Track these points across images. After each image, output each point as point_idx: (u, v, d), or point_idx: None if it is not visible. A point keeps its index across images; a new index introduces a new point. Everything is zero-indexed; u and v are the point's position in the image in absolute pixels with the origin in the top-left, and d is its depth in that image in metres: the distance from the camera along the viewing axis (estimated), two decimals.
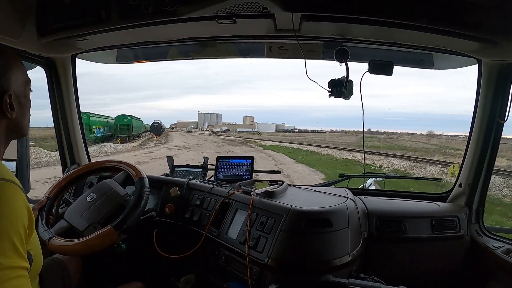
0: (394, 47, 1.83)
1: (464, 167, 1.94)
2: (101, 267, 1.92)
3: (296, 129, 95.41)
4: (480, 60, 1.74)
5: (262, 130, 74.20)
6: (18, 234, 0.84)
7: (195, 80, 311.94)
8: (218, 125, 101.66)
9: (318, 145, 28.52)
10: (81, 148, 2.30)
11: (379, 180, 3.07)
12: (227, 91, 61.26)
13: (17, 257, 0.82)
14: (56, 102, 2.19)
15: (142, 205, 1.62)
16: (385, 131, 59.70)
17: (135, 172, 1.76)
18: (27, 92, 1.10)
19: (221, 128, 77.21)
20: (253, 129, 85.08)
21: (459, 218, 1.86)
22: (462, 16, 1.33)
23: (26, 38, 1.59)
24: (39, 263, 1.04)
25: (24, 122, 1.10)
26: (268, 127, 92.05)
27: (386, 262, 1.79)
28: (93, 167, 1.89)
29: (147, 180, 1.73)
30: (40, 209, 1.61)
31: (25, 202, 0.90)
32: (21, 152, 1.77)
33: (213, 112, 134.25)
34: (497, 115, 1.76)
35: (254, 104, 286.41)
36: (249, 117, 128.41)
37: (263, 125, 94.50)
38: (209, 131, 72.91)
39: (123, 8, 1.44)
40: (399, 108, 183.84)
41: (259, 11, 1.40)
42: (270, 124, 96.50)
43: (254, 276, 1.44)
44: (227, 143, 33.27)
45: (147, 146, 27.07)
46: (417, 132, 51.94)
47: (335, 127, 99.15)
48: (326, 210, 1.51)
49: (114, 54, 2.21)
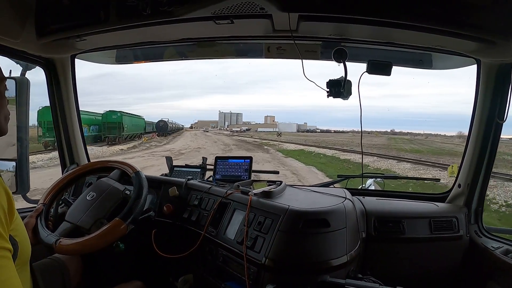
0: (392, 47, 1.82)
1: (463, 168, 1.93)
2: (100, 267, 1.93)
3: (318, 129, 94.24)
4: (479, 60, 1.73)
5: (283, 130, 72.76)
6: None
7: (217, 80, 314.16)
8: (238, 125, 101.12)
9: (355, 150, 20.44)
10: (80, 148, 2.31)
11: (378, 181, 3.07)
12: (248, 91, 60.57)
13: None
14: (56, 102, 2.19)
15: (143, 196, 1.66)
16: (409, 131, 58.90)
17: (129, 168, 1.79)
18: (2, 90, 1.09)
19: (241, 128, 76.13)
20: (274, 129, 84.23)
21: (458, 218, 1.86)
22: (461, 16, 1.33)
23: (25, 38, 1.60)
24: (27, 250, 1.04)
25: (0, 119, 1.08)
26: (290, 127, 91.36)
27: (384, 263, 1.78)
28: (85, 169, 1.89)
29: (143, 174, 1.76)
30: (38, 216, 1.60)
31: (2, 185, 0.90)
32: (20, 152, 1.77)
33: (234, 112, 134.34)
34: (496, 115, 1.76)
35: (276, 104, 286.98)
36: (270, 116, 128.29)
37: (284, 125, 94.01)
38: (228, 131, 72.11)
39: (121, 8, 1.45)
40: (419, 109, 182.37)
41: (256, 12, 1.41)
42: (291, 124, 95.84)
43: (252, 276, 1.44)
44: (238, 146, 28.00)
45: (138, 150, 22.60)
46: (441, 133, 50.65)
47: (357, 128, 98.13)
48: (324, 211, 1.51)
49: (113, 55, 2.21)
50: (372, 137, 46.11)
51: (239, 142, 33.73)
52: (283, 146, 28.12)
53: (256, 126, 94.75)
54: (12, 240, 0.90)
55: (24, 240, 1.02)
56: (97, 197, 1.69)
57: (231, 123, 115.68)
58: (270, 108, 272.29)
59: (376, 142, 30.94)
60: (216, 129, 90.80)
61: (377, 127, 59.83)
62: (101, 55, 2.17)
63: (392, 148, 24.21)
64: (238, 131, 66.02)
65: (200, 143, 29.99)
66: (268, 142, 33.17)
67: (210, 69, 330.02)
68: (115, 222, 1.53)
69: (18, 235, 0.97)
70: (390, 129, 76.95)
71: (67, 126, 2.25)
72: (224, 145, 27.86)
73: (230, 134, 56.42)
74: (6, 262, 0.82)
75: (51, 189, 1.75)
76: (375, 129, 63.49)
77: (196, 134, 50.40)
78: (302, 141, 34.28)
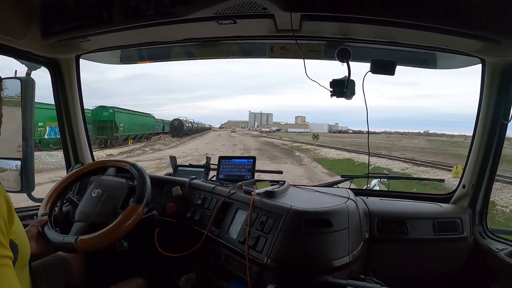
0: (396, 47, 1.81)
1: (467, 168, 1.91)
2: (103, 265, 1.94)
3: (350, 129, 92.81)
4: (484, 59, 1.71)
5: (314, 131, 71.62)
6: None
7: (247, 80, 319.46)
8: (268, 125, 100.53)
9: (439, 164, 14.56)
10: (85, 147, 2.33)
11: (384, 181, 3.05)
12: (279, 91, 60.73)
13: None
14: (60, 102, 2.21)
15: (148, 181, 1.70)
16: (443, 132, 57.37)
17: (124, 162, 1.84)
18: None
19: (271, 128, 74.97)
20: (305, 129, 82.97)
21: (462, 219, 1.84)
22: (464, 15, 1.32)
23: (30, 39, 1.62)
24: (27, 252, 1.05)
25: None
26: (321, 127, 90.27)
27: (387, 263, 1.77)
28: (81, 172, 1.90)
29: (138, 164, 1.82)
30: (43, 225, 1.58)
31: (2, 193, 0.90)
32: (25, 151, 1.79)
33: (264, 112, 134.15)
34: (501, 115, 1.74)
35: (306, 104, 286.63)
36: (301, 117, 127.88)
37: (315, 125, 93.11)
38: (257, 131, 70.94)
39: (124, 9, 1.46)
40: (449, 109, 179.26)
41: (259, 12, 1.41)
42: (323, 125, 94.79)
43: (254, 275, 1.44)
44: (261, 151, 21.88)
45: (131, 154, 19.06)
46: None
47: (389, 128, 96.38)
48: (326, 211, 1.50)
49: (118, 55, 2.23)
50: (409, 138, 42.23)
51: (264, 145, 28.72)
52: (320, 152, 21.76)
53: (287, 126, 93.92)
54: (12, 244, 0.91)
55: (24, 242, 1.03)
56: (103, 192, 1.73)
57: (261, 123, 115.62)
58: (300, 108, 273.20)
59: (417, 145, 27.81)
60: (245, 129, 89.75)
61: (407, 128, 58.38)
62: (106, 55, 2.18)
63: (444, 153, 20.50)
64: (268, 132, 64.56)
65: (214, 147, 24.53)
66: (299, 146, 26.98)
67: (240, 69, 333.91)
68: (131, 207, 1.58)
69: (18, 237, 0.97)
70: (423, 130, 74.69)
71: (72, 125, 2.26)
72: (243, 150, 22.76)
73: (258, 134, 54.12)
74: (7, 270, 0.83)
75: (49, 197, 1.74)
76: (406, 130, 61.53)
77: (220, 135, 46.31)
78: (338, 143, 28.60)
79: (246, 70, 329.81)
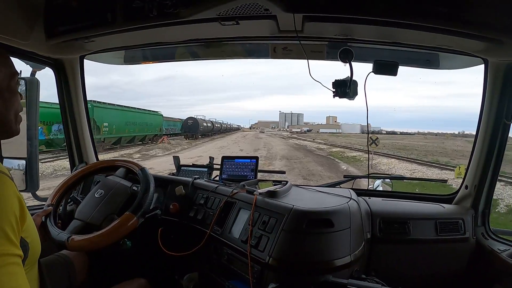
0: (399, 47, 1.81)
1: (470, 169, 1.91)
2: (106, 264, 1.96)
3: (383, 130, 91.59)
4: (486, 59, 1.71)
5: (346, 132, 69.56)
6: (9, 223, 0.85)
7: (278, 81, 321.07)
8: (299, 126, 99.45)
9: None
10: (89, 147, 2.35)
11: (387, 182, 3.05)
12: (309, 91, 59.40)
13: (10, 245, 0.84)
14: (65, 102, 2.23)
15: (151, 190, 1.69)
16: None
17: (135, 165, 1.83)
18: (13, 86, 1.05)
19: (302, 129, 73.13)
20: (337, 130, 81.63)
21: (464, 220, 1.84)
22: (467, 15, 1.31)
23: (34, 40, 1.63)
24: (37, 250, 1.06)
25: (9, 116, 1.04)
26: (353, 128, 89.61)
27: (389, 264, 1.78)
28: (90, 169, 1.92)
29: (148, 170, 1.80)
30: (46, 216, 1.63)
31: (15, 192, 0.91)
32: (30, 150, 1.82)
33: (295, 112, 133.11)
34: (503, 116, 1.74)
35: (337, 104, 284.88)
36: (333, 117, 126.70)
37: (347, 125, 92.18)
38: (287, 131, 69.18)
39: (128, 10, 1.46)
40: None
41: (261, 13, 1.41)
42: (355, 125, 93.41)
43: (255, 274, 1.45)
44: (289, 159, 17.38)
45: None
46: None
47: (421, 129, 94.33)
48: (328, 210, 1.51)
49: (121, 55, 2.24)
50: (445, 139, 38.49)
51: (295, 150, 22.83)
52: (379, 164, 15.53)
53: (318, 127, 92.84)
54: (23, 242, 0.91)
55: (35, 240, 1.04)
56: (105, 194, 1.73)
57: (292, 124, 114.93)
58: (331, 109, 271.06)
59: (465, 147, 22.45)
60: (275, 129, 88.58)
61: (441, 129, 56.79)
62: (110, 55, 2.19)
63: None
64: (299, 132, 62.51)
65: (229, 152, 19.27)
66: (341, 153, 20.34)
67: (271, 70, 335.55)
68: (126, 216, 1.56)
69: (29, 236, 0.98)
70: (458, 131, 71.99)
71: (76, 125, 2.29)
72: (265, 159, 16.75)
73: (288, 135, 50.08)
74: (16, 269, 0.84)
75: (58, 189, 1.79)
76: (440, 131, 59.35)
77: (245, 136, 41.06)
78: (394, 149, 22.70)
79: (277, 71, 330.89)
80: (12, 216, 0.87)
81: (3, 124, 1.03)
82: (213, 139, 31.92)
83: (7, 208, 0.86)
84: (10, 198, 0.89)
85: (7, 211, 0.86)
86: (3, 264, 0.80)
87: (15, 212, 0.88)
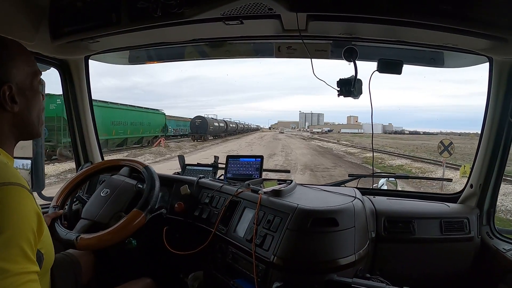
0: (403, 46, 1.81)
1: (475, 168, 1.90)
2: (112, 262, 1.97)
3: (406, 130, 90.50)
4: (491, 58, 1.70)
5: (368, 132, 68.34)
6: (27, 239, 0.81)
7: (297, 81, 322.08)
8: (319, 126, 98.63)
9: None
10: (95, 146, 2.37)
11: (391, 180, 3.05)
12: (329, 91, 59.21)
13: (26, 262, 0.80)
14: (70, 102, 2.25)
15: (157, 187, 1.70)
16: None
17: (139, 164, 1.85)
18: (35, 85, 1.02)
19: (322, 129, 72.41)
20: (359, 130, 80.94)
21: (469, 219, 1.83)
22: (471, 13, 1.31)
23: (40, 41, 1.65)
24: (51, 259, 1.04)
25: (32, 117, 1.01)
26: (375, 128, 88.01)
27: (393, 263, 1.77)
28: (95, 169, 1.94)
29: (152, 168, 1.82)
30: (55, 218, 1.63)
31: (33, 206, 0.87)
32: (36, 151, 1.84)
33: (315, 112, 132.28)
34: (509, 114, 1.73)
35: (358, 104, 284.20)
36: (354, 117, 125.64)
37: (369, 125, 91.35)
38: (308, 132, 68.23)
39: (132, 11, 1.48)
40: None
41: (265, 12, 1.42)
42: (376, 125, 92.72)
43: (260, 273, 1.45)
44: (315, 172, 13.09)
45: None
46: None
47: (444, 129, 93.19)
48: (332, 209, 1.51)
49: (126, 55, 2.25)
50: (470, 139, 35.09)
51: (318, 155, 19.14)
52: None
53: (339, 127, 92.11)
54: (38, 254, 0.88)
55: (49, 250, 1.01)
56: (111, 193, 1.75)
57: (312, 124, 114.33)
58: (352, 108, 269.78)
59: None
60: (295, 130, 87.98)
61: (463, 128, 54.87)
62: (115, 56, 2.21)
63: None
64: (320, 132, 61.53)
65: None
66: (380, 160, 16.47)
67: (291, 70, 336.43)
68: (134, 213, 1.58)
69: (44, 247, 0.95)
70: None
71: (81, 125, 2.31)
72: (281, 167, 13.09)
73: (309, 136, 47.97)
74: (34, 286, 0.81)
75: (63, 190, 1.80)
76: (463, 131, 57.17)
77: (262, 138, 37.59)
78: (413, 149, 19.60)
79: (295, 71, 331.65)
80: (31, 232, 0.83)
81: (26, 125, 1.01)
82: (226, 141, 29.61)
83: (25, 226, 0.83)
84: (30, 214, 0.85)
85: (26, 229, 0.82)
86: (21, 282, 0.78)
87: (33, 228, 0.85)
